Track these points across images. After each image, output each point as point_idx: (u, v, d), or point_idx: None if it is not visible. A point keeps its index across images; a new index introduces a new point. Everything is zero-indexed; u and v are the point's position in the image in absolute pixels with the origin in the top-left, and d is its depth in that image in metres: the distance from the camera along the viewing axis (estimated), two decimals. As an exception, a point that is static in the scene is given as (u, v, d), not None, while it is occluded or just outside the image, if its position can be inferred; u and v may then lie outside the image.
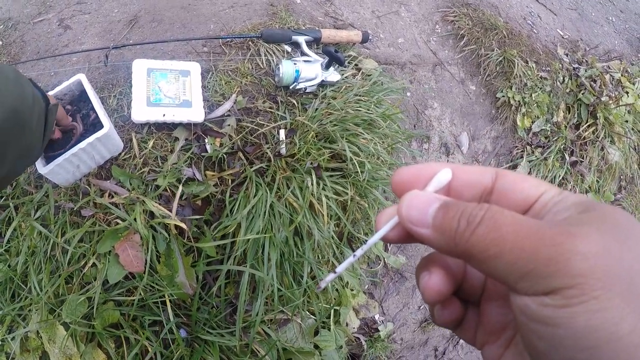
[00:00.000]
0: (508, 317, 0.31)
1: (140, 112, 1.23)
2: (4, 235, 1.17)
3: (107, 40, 1.56)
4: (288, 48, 1.57)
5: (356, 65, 1.67)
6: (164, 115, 1.23)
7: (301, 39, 1.53)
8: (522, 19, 2.58)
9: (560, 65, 2.45)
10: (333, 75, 1.49)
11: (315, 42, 1.59)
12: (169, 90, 1.27)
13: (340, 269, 0.33)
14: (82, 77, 1.21)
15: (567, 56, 2.54)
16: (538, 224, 0.24)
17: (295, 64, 1.42)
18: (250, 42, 1.52)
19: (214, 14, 1.64)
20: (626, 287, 0.21)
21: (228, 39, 1.50)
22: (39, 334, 1.12)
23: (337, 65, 1.47)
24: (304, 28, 1.67)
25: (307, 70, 1.43)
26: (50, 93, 1.20)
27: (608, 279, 0.21)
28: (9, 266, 1.14)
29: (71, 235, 1.14)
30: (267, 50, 1.51)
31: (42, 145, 0.85)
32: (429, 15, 2.24)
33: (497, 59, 2.19)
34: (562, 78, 2.41)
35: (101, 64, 1.41)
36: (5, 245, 1.16)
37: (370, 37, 1.72)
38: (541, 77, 2.31)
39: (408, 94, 1.93)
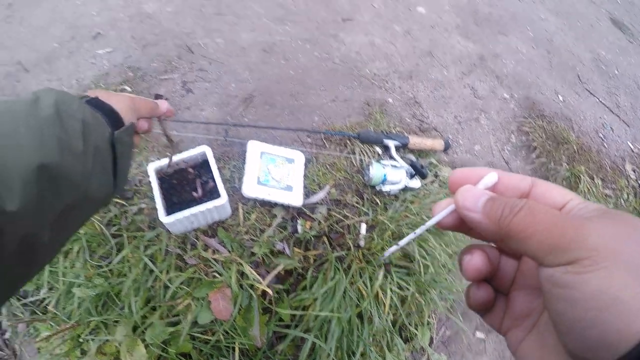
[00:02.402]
0: (533, 305, 0.41)
1: (251, 189, 1.64)
2: (112, 258, 1.58)
3: (224, 113, 2.02)
4: (379, 150, 1.97)
5: (435, 173, 2.05)
6: (269, 194, 1.64)
7: (391, 144, 1.93)
8: (594, 132, 2.86)
9: (626, 182, 2.68)
10: (414, 182, 1.87)
11: (403, 147, 1.99)
12: (276, 174, 1.68)
13: (402, 242, 0.48)
14: (207, 150, 1.64)
15: (634, 172, 2.76)
16: (565, 215, 0.34)
17: (384, 167, 1.81)
18: (347, 140, 1.94)
19: (319, 106, 2.09)
20: (631, 264, 0.29)
21: (330, 134, 1.93)
22: (119, 343, 1.51)
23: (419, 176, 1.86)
24: (394, 132, 2.07)
25: (393, 174, 1.81)
26: (175, 158, 1.65)
27: (616, 255, 0.29)
28: (109, 283, 1.54)
29: (174, 275, 1.53)
30: (361, 150, 1.92)
31: (116, 185, 0.69)
32: (506, 125, 2.57)
33: (565, 174, 2.47)
34: (626, 195, 2.62)
35: (219, 136, 1.86)
36: (109, 266, 1.57)
37: (450, 146, 2.11)
38: (605, 195, 2.54)
39: None
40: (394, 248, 0.51)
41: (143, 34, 2.52)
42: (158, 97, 0.98)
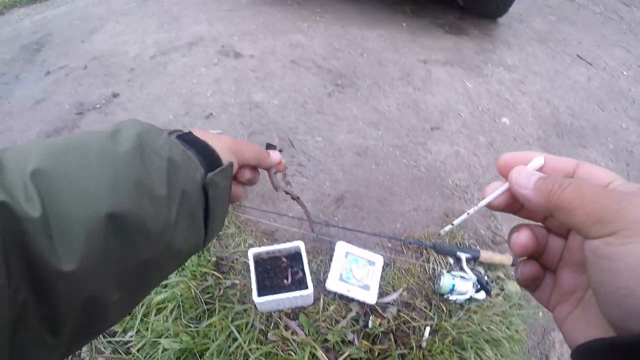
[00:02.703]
0: (579, 281, 0.45)
1: (333, 284, 1.92)
2: (202, 321, 1.88)
3: (317, 210, 2.34)
4: (451, 261, 2.21)
5: (502, 286, 2.25)
6: (348, 291, 1.91)
7: (463, 256, 2.17)
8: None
9: None
10: (480, 294, 2.08)
11: (473, 260, 2.21)
12: (357, 273, 1.96)
13: (457, 222, 0.53)
14: (301, 245, 1.95)
15: None
16: (609, 190, 0.38)
17: (453, 278, 2.04)
18: (424, 249, 2.20)
19: (402, 213, 2.38)
20: None
21: (408, 242, 2.20)
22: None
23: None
24: (467, 244, 2.31)
25: (461, 285, 2.04)
26: (271, 249, 1.96)
27: None
28: (195, 342, 1.82)
29: (255, 347, 1.81)
30: (435, 259, 2.17)
31: (207, 236, 0.62)
32: None
33: None
34: None
35: (310, 230, 2.17)
36: (198, 327, 1.86)
37: (519, 261, 2.30)
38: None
39: (540, 314, 2.35)
40: (448, 227, 0.56)
41: (251, 121, 2.92)
42: (270, 146, 0.85)
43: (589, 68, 4.15)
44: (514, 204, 0.48)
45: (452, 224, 0.55)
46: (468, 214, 0.54)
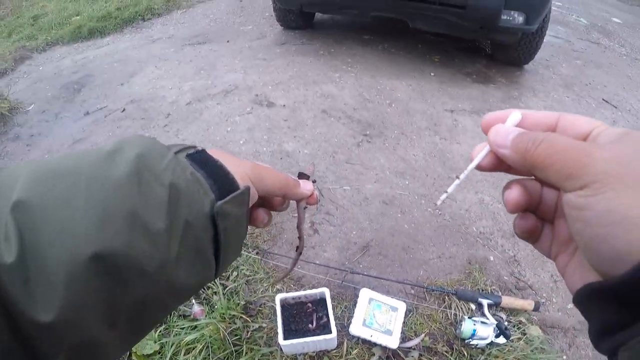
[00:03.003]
0: None
1: (357, 329, 2.03)
2: None
3: (343, 257, 2.47)
4: (473, 306, 2.30)
5: (523, 331, 2.31)
6: (371, 336, 2.02)
7: (485, 302, 2.25)
8: None
9: None
10: (500, 339, 2.16)
11: (495, 306, 2.30)
12: (380, 319, 2.07)
13: (450, 189, 0.53)
14: (326, 292, 2.07)
15: None
16: (581, 143, 0.38)
17: (474, 324, 2.13)
18: (446, 296, 2.30)
19: (426, 261, 2.49)
20: (637, 185, 0.33)
21: (431, 290, 2.30)
22: None
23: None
24: (489, 290, 2.40)
25: (482, 330, 2.12)
26: (297, 294, 2.09)
27: (622, 177, 0.34)
28: None
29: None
30: (456, 306, 2.26)
31: (218, 270, 0.54)
32: None
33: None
34: None
35: (336, 276, 2.29)
36: None
37: (540, 307, 2.37)
38: None
39: (564, 357, 2.37)
40: (444, 196, 0.55)
41: (281, 170, 3.06)
42: (302, 176, 0.75)
43: (614, 111, 4.25)
44: (501, 164, 0.48)
45: (447, 192, 0.54)
46: (459, 178, 0.53)
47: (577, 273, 0.44)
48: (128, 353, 2.00)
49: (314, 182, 0.73)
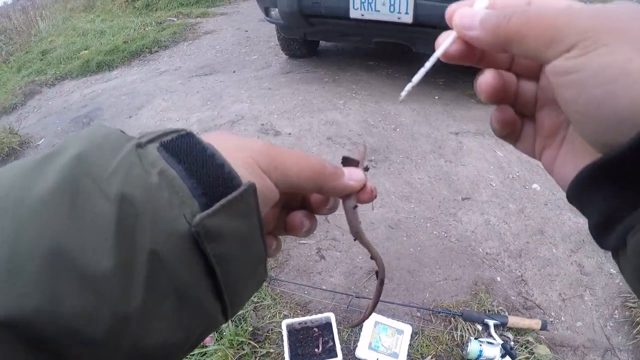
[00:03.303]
0: (559, 119, 0.43)
1: (362, 352, 2.07)
2: None
3: (349, 282, 2.52)
4: (479, 327, 2.33)
5: (531, 350, 2.34)
6: (377, 359, 2.06)
7: (491, 323, 2.29)
8: None
9: None
10: (507, 359, 2.19)
11: (502, 326, 2.33)
12: (385, 342, 2.11)
13: (415, 78, 0.46)
14: (332, 316, 2.12)
15: None
16: (557, 5, 0.36)
17: (480, 344, 2.16)
18: (452, 318, 2.33)
19: (431, 283, 2.53)
20: (633, 39, 0.30)
21: (437, 312, 2.34)
22: None
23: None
24: (496, 310, 2.43)
25: (488, 350, 2.15)
26: (303, 319, 2.14)
27: (616, 30, 0.30)
28: None
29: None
30: (463, 327, 2.30)
31: (229, 310, 0.39)
32: (610, 300, 2.74)
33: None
34: None
35: (342, 301, 2.35)
36: None
37: (547, 326, 2.39)
38: None
39: None
40: (409, 86, 0.47)
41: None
42: (348, 162, 0.52)
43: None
44: (470, 52, 0.43)
45: (412, 81, 0.46)
46: (425, 67, 0.47)
47: (569, 162, 0.42)
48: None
49: (366, 169, 0.51)
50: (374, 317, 2.20)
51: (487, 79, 0.44)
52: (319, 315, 2.15)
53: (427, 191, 3.28)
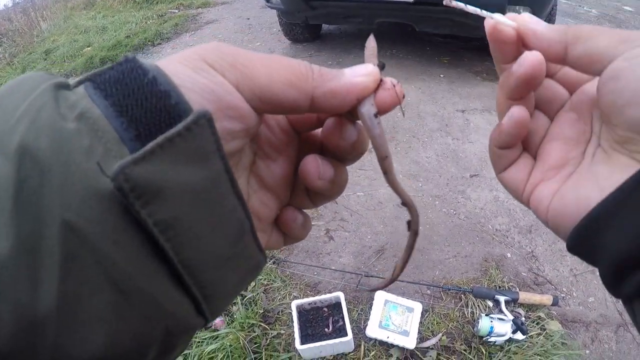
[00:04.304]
0: (571, 154, 0.40)
1: (373, 331, 2.07)
2: None
3: (359, 262, 2.51)
4: (490, 304, 2.32)
5: (542, 326, 2.32)
6: (387, 337, 2.05)
7: (502, 299, 2.27)
8: None
9: None
10: (518, 334, 2.18)
11: (512, 302, 2.31)
12: (396, 320, 2.10)
13: (470, 8, 0.40)
14: (341, 295, 2.12)
15: None
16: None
17: (491, 321, 2.15)
18: (462, 294, 2.32)
19: (441, 261, 2.52)
20: None
21: (447, 289, 2.33)
22: None
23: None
24: (506, 287, 2.42)
25: (499, 327, 2.14)
26: (313, 300, 2.14)
27: None
28: None
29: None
30: (473, 303, 2.29)
31: (205, 312, 0.29)
32: None
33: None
34: None
35: (352, 282, 2.34)
36: None
37: (559, 302, 2.37)
38: None
39: (587, 351, 2.37)
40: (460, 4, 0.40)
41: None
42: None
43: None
44: (515, 46, 0.38)
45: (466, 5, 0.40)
46: (469, 8, 0.40)
47: (584, 188, 0.36)
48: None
49: (382, 66, 0.37)
50: (384, 295, 2.19)
51: (520, 111, 0.39)
52: (329, 295, 2.15)
53: (434, 169, 3.26)
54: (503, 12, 0.37)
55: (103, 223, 0.23)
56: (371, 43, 0.40)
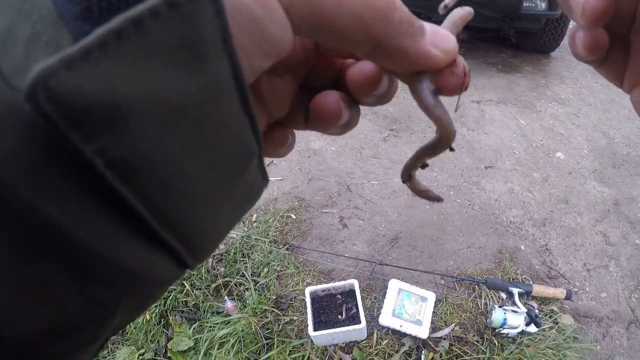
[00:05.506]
0: None
1: (386, 319, 2.06)
2: (260, 354, 2.06)
3: (372, 250, 2.49)
4: (504, 295, 2.30)
5: (555, 320, 2.30)
6: (400, 326, 2.04)
7: (515, 291, 2.25)
8: None
9: None
10: (532, 327, 2.16)
11: (526, 295, 2.29)
12: (409, 309, 2.09)
13: None
14: (355, 283, 2.10)
15: None
16: None
17: (505, 312, 2.13)
18: (476, 285, 2.30)
19: (455, 251, 2.50)
20: None
21: (461, 279, 2.31)
22: None
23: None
24: (520, 279, 2.39)
25: (512, 319, 2.12)
26: (326, 286, 2.13)
27: None
28: None
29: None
30: (487, 295, 2.27)
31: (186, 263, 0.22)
32: (636, 272, 2.70)
33: None
34: None
35: (366, 270, 2.33)
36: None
37: (572, 296, 2.35)
38: None
39: (598, 347, 2.34)
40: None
41: (310, 168, 3.12)
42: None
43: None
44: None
45: None
46: None
47: None
48: (163, 350, 2.07)
49: (462, 40, 0.30)
50: (398, 284, 2.18)
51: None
52: (343, 282, 2.13)
53: (449, 160, 3.23)
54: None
55: (22, 166, 0.15)
56: (464, 11, 0.32)
